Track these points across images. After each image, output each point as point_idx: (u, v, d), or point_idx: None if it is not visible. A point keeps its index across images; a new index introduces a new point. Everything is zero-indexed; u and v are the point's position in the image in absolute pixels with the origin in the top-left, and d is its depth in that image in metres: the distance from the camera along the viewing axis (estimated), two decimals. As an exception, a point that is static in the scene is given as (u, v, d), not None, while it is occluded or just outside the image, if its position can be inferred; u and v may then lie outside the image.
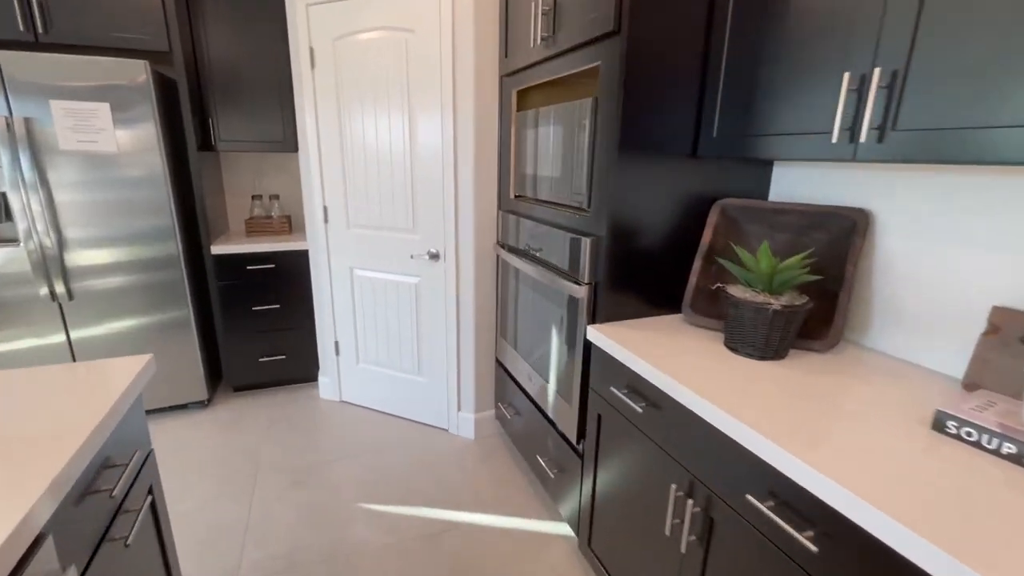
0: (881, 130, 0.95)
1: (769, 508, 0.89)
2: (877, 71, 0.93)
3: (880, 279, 1.28)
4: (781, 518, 0.86)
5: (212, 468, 2.16)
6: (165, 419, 2.53)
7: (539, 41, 1.58)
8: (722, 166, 1.47)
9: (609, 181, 1.35)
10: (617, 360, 1.34)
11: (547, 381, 1.77)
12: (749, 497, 0.90)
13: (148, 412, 2.58)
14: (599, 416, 1.45)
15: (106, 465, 0.92)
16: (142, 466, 1.05)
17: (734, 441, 0.96)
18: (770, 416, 0.95)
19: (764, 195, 1.57)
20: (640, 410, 1.20)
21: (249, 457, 2.24)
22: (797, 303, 1.16)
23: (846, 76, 0.98)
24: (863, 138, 0.96)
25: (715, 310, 1.46)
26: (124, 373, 1.03)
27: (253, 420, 2.53)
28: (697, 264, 1.47)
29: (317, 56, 2.25)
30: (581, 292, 1.47)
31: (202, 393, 2.58)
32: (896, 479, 0.77)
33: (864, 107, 0.97)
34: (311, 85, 2.29)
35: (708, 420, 1.01)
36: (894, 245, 1.24)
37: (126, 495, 0.97)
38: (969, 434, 0.87)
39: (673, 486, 1.12)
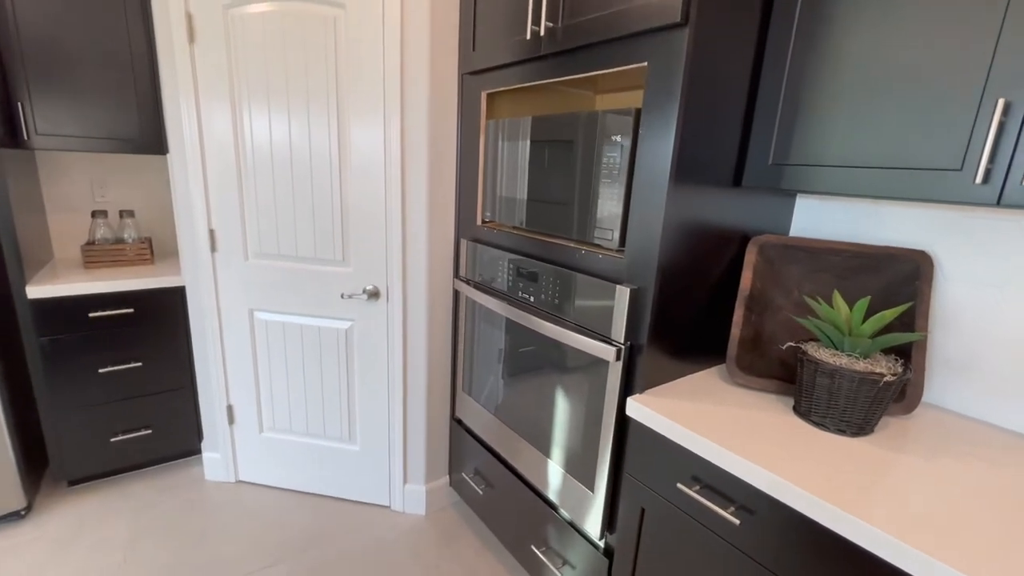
0: (1036, 171, 0.79)
1: None
2: (1053, 100, 0.75)
3: (939, 330, 1.15)
4: None
5: (41, 626, 1.44)
6: (-50, 549, 1.68)
7: (542, 33, 1.24)
8: (754, 198, 1.26)
9: (657, 216, 1.06)
10: (675, 443, 1.05)
11: (548, 456, 1.42)
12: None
13: (-83, 540, 1.70)
14: (642, 510, 1.15)
15: None
16: None
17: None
18: (940, 532, 0.72)
19: (785, 230, 1.40)
20: (735, 520, 0.92)
21: (105, 595, 1.55)
22: (900, 370, 0.98)
23: (1000, 102, 0.79)
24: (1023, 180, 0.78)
25: (761, 367, 1.24)
26: None
27: (105, 531, 1.80)
28: (739, 314, 1.24)
29: (199, 27, 1.64)
30: (610, 354, 1.16)
31: (16, 499, 1.78)
32: None
33: (1018, 141, 0.79)
34: (189, 66, 1.67)
35: (852, 539, 0.76)
36: (957, 293, 1.12)
37: None
38: None
39: (800, 628, 0.85)
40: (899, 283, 1.16)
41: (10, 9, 1.70)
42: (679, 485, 1.02)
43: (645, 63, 1.04)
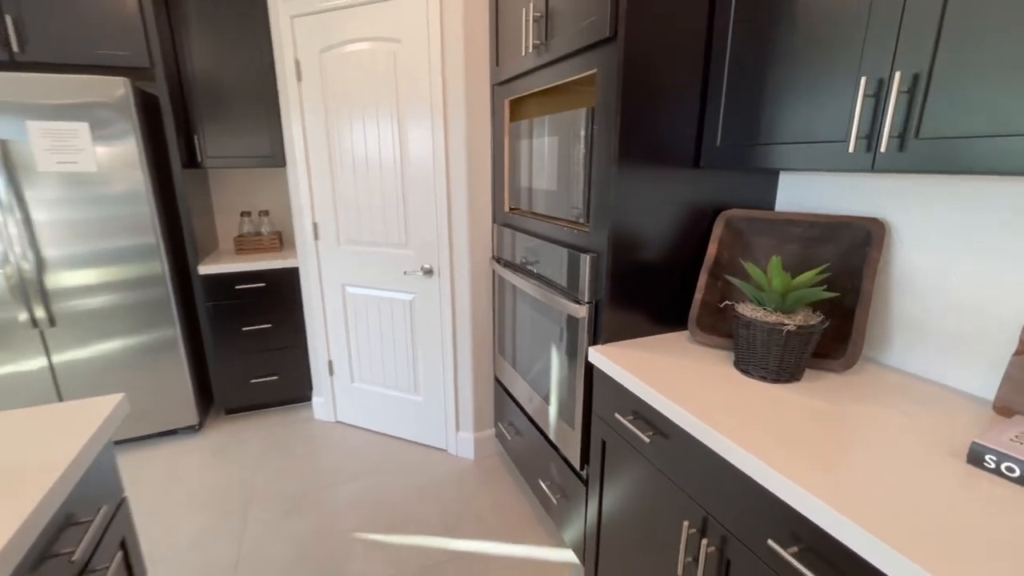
0: (902, 138, 0.88)
1: (793, 555, 0.81)
2: (898, 75, 0.86)
3: (898, 294, 1.20)
4: (806, 566, 0.79)
5: (203, 499, 2.07)
6: (155, 446, 2.44)
7: (531, 49, 1.51)
8: (726, 176, 1.40)
9: (608, 195, 1.28)
10: (621, 385, 1.26)
11: (548, 403, 1.69)
12: (771, 543, 0.82)
13: (137, 439, 2.50)
14: (603, 442, 1.37)
15: (69, 523, 0.84)
16: (111, 520, 0.97)
17: (750, 478, 0.89)
18: (788, 449, 0.87)
19: (771, 204, 1.49)
20: (647, 439, 1.12)
21: (242, 485, 2.15)
22: (812, 323, 1.09)
23: (863, 81, 0.91)
24: (883, 147, 0.89)
25: (723, 327, 1.38)
26: (90, 417, 0.95)
27: (246, 445, 2.45)
28: (703, 280, 1.39)
29: (303, 68, 2.18)
30: (581, 311, 1.40)
31: (193, 418, 2.50)
32: (934, 525, 0.69)
33: (883, 114, 0.90)
34: (297, 98, 2.22)
35: (721, 454, 0.94)
36: (913, 258, 1.17)
37: (92, 555, 0.89)
38: (1011, 469, 0.79)
39: (686, 523, 1.04)
40: (855, 249, 1.23)
41: (189, 66, 2.41)
42: (616, 415, 1.23)
43: (595, 70, 1.27)
